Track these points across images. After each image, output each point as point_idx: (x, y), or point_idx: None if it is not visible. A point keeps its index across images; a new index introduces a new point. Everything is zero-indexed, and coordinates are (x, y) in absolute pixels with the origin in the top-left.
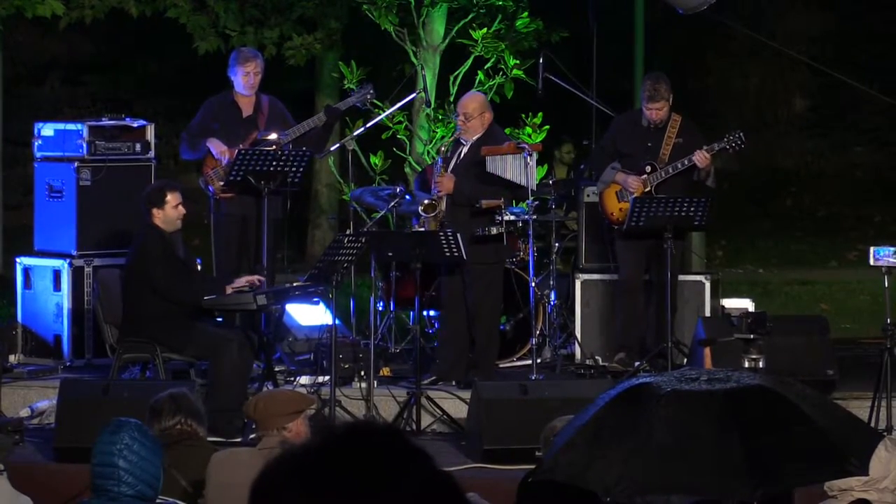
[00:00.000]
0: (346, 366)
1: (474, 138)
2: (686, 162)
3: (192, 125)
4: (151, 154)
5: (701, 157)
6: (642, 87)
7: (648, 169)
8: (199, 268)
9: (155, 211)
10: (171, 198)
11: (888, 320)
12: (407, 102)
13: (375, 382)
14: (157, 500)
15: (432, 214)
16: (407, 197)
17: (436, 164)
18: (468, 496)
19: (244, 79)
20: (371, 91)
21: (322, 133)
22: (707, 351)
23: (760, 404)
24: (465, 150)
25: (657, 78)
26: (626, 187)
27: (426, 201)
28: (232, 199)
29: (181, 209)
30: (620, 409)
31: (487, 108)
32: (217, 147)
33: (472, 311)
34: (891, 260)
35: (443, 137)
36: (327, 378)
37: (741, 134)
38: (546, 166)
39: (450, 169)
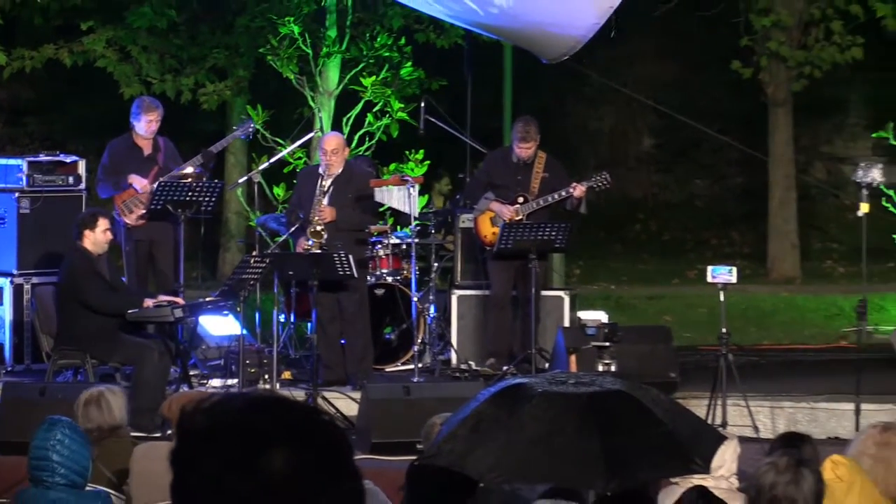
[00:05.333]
0: (253, 370)
1: (338, 172)
2: (563, 194)
3: (105, 166)
4: (82, 186)
5: (580, 190)
6: (514, 128)
7: (521, 200)
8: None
9: (87, 232)
10: (102, 223)
11: (723, 330)
12: (306, 141)
13: (278, 384)
14: (87, 488)
15: (318, 239)
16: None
17: (315, 196)
18: None
19: (147, 125)
20: (251, 127)
21: (204, 167)
22: (573, 357)
23: (619, 407)
24: (328, 182)
25: (528, 121)
26: (501, 215)
27: (313, 230)
28: (141, 227)
29: (109, 234)
30: (498, 405)
31: (345, 145)
32: (139, 182)
33: (346, 320)
34: (725, 278)
35: None
36: (236, 381)
37: (607, 175)
38: (427, 196)
39: (322, 197)
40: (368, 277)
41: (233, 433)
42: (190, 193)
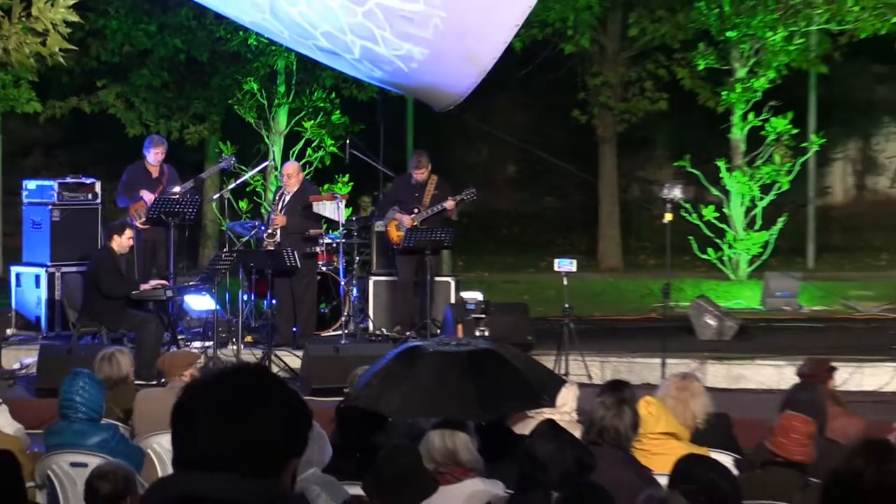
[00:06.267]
0: (224, 335)
1: (294, 190)
2: (440, 206)
3: (124, 183)
4: (98, 201)
5: (451, 204)
6: (411, 159)
7: (416, 211)
8: (136, 275)
9: (115, 237)
10: (128, 232)
11: (566, 305)
12: (262, 168)
13: (242, 346)
14: (102, 422)
15: (272, 240)
16: (262, 228)
17: (271, 209)
18: None
19: (155, 156)
20: (233, 160)
21: (194, 190)
22: (459, 326)
23: (489, 361)
24: (287, 198)
25: (419, 153)
26: (402, 222)
27: (268, 231)
28: (147, 230)
29: (130, 241)
30: (401, 361)
31: (300, 171)
32: (147, 196)
33: (296, 299)
34: (567, 267)
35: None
36: (211, 343)
37: (474, 190)
38: (351, 208)
39: (281, 210)
40: None
41: (220, 393)
42: (177, 206)
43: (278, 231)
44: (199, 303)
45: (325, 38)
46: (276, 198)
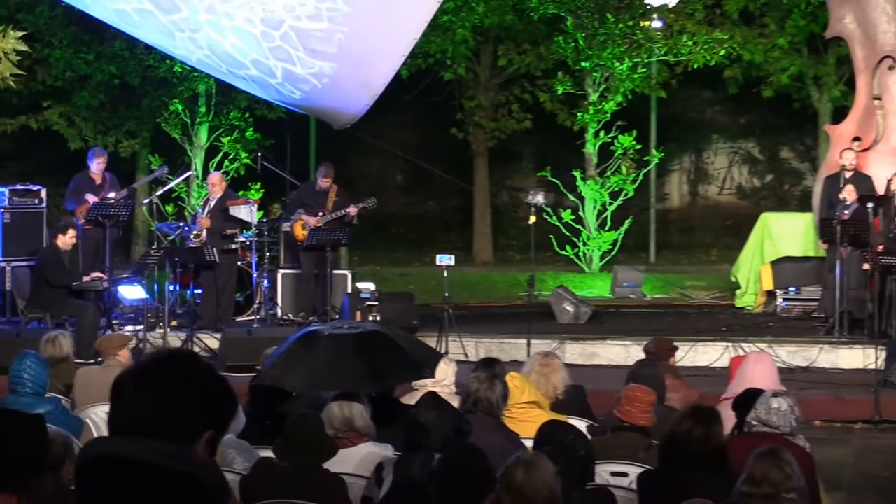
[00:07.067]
0: (152, 320)
1: (218, 196)
2: (343, 212)
3: (71, 190)
4: (44, 205)
5: (354, 211)
6: (318, 169)
7: (320, 214)
8: (80, 268)
9: (60, 236)
10: (71, 232)
11: (446, 294)
12: (186, 177)
13: (168, 329)
14: (46, 396)
15: (199, 239)
16: (186, 228)
17: (198, 212)
18: None
19: (97, 165)
20: (166, 170)
21: (128, 196)
22: (358, 312)
23: (377, 341)
24: (212, 203)
25: (328, 165)
26: (307, 223)
27: (195, 231)
28: (90, 230)
29: (73, 240)
30: (302, 343)
31: (223, 180)
32: (92, 199)
33: (218, 289)
34: (447, 262)
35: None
36: (142, 327)
37: (374, 200)
38: (262, 212)
39: (206, 214)
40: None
41: (148, 370)
42: (112, 210)
43: (204, 231)
44: (132, 292)
45: (253, 65)
46: (203, 203)
